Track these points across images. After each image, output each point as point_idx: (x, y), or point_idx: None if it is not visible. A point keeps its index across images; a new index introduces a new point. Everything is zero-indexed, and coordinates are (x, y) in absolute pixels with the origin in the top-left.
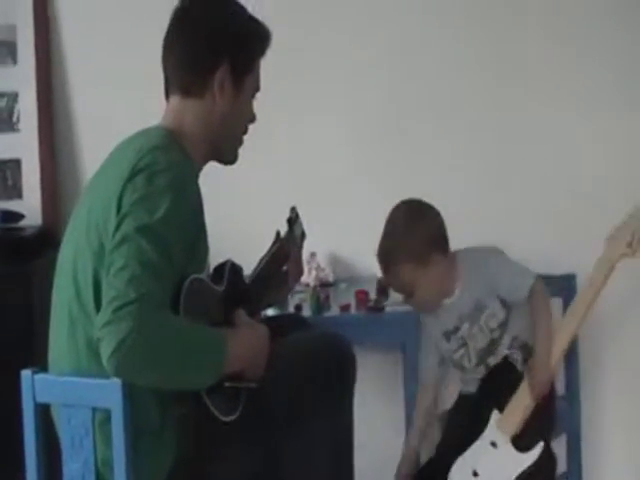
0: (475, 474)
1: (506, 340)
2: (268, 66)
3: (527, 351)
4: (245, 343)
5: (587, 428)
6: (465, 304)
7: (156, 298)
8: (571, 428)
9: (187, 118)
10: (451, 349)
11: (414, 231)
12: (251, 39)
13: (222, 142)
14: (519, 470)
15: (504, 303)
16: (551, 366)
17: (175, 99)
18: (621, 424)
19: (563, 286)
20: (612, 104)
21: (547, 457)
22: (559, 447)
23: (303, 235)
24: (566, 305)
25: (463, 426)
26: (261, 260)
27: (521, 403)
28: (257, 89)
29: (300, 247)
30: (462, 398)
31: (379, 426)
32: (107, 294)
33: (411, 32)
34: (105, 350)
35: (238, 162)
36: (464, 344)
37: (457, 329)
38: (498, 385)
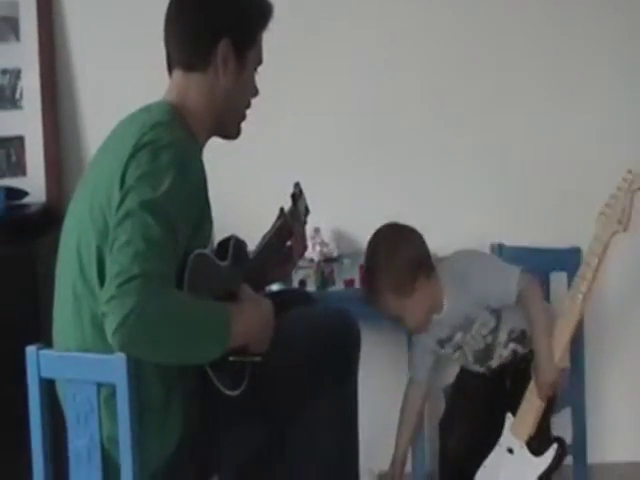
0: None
1: (502, 338)
2: (272, 41)
3: (527, 340)
4: (250, 317)
5: (592, 400)
6: (455, 317)
7: (160, 273)
8: (576, 400)
9: (190, 93)
10: (447, 353)
11: (394, 263)
12: (252, 12)
13: (225, 117)
14: (537, 474)
15: (494, 311)
16: (554, 364)
17: (178, 74)
18: (625, 396)
19: (568, 259)
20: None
21: (561, 457)
22: (564, 419)
23: (307, 210)
24: (570, 279)
25: (466, 400)
26: (265, 236)
27: (532, 405)
28: (259, 62)
29: (304, 223)
30: (464, 372)
31: (384, 400)
32: (111, 269)
33: (412, 15)
34: (110, 325)
35: (241, 137)
36: (460, 347)
37: (450, 338)
38: (510, 385)
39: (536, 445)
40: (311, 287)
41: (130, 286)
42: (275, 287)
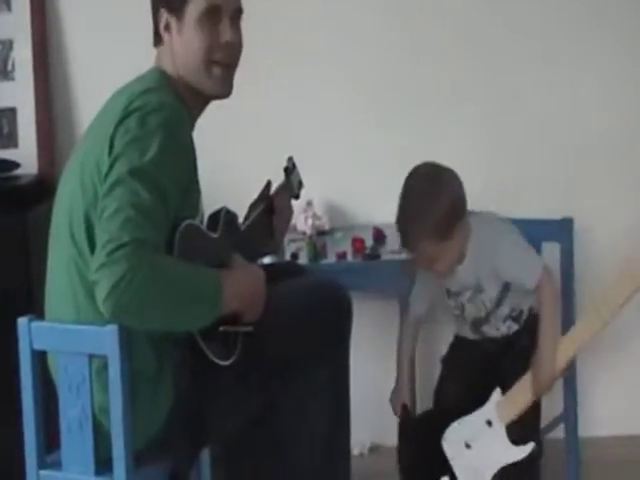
0: (468, 446)
1: (504, 312)
2: (265, 13)
3: (524, 320)
4: (241, 283)
5: (582, 369)
6: (468, 275)
7: (150, 240)
8: (567, 373)
9: (164, 65)
10: (450, 305)
11: (436, 207)
12: None
13: (196, 80)
14: (506, 461)
15: (505, 286)
16: (555, 365)
17: (156, 49)
18: (616, 364)
19: (560, 230)
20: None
21: (536, 456)
22: (555, 389)
23: (300, 184)
24: (563, 250)
25: (461, 369)
26: (251, 207)
27: (522, 395)
28: (211, 8)
29: (297, 196)
30: (458, 340)
31: (375, 372)
32: (101, 238)
33: None
34: (100, 293)
35: (234, 110)
36: (462, 307)
37: (458, 294)
38: (508, 362)
39: (516, 433)
40: (303, 260)
41: (120, 253)
42: (267, 259)
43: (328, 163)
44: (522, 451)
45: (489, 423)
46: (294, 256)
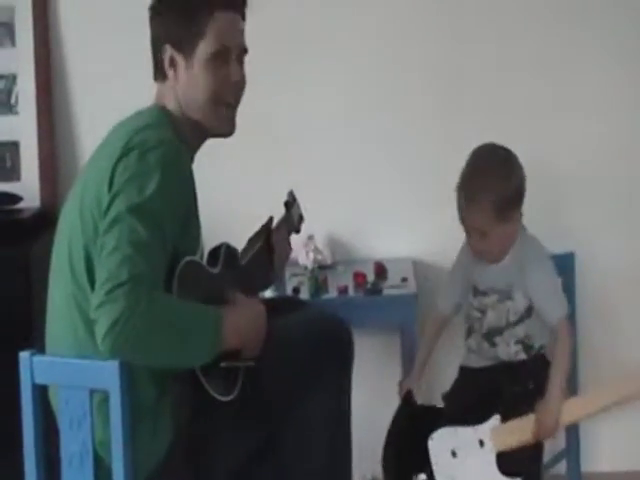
0: (453, 454)
1: (519, 333)
2: (269, 46)
3: (530, 353)
4: (242, 319)
5: None
6: (503, 278)
7: (148, 278)
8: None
9: (165, 101)
10: (472, 305)
11: (506, 183)
12: (191, 13)
13: (201, 118)
14: None
15: (531, 306)
16: (559, 417)
17: (156, 84)
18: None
19: (562, 265)
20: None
21: None
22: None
23: (301, 218)
24: (565, 284)
25: (461, 404)
26: (250, 241)
27: (522, 433)
28: (223, 49)
29: (298, 230)
30: (463, 373)
31: (377, 407)
32: (100, 276)
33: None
34: (99, 331)
35: (236, 144)
36: (483, 311)
37: (485, 294)
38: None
39: (505, 464)
40: (305, 294)
41: (118, 292)
42: (268, 293)
43: (330, 197)
44: None
45: (481, 443)
46: (296, 290)
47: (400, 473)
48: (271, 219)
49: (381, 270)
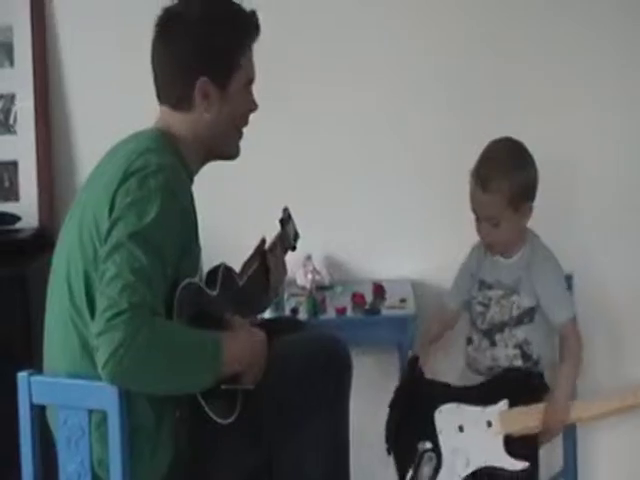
0: (460, 429)
1: (519, 337)
2: (267, 65)
3: (528, 362)
4: (242, 345)
5: (582, 425)
6: (511, 273)
7: (149, 305)
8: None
9: (179, 128)
10: (476, 299)
11: (522, 171)
12: (228, 46)
13: (217, 144)
14: (497, 464)
15: (536, 307)
16: (568, 413)
17: (165, 109)
18: (616, 420)
19: None
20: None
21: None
22: (555, 445)
23: (296, 235)
24: None
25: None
26: (245, 265)
27: (530, 419)
28: (250, 79)
29: (293, 248)
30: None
31: (374, 428)
32: (100, 303)
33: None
34: (100, 359)
35: (234, 164)
36: (487, 305)
37: (490, 288)
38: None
39: (512, 447)
40: (303, 315)
41: (119, 320)
42: (267, 314)
43: (328, 218)
44: (515, 464)
45: (489, 424)
46: (294, 311)
47: (403, 437)
48: (264, 241)
49: (379, 291)
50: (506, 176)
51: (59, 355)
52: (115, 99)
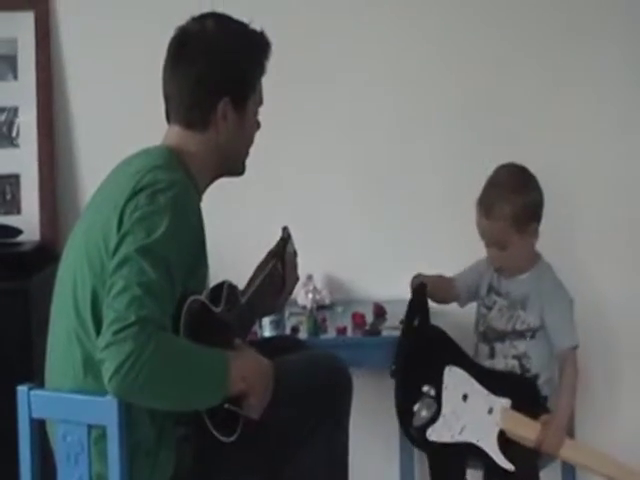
0: (464, 397)
1: (519, 348)
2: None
3: (524, 375)
4: (249, 364)
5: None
6: (521, 288)
7: (156, 320)
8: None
9: (190, 146)
10: (483, 302)
11: (523, 193)
12: (251, 68)
13: (228, 163)
14: (487, 451)
15: (542, 326)
16: (563, 437)
17: (176, 128)
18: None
19: None
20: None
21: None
22: (554, 475)
23: (295, 254)
24: None
25: None
26: (253, 279)
27: (527, 431)
28: (261, 103)
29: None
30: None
31: (374, 448)
32: (108, 316)
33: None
34: (106, 372)
35: (236, 182)
36: (490, 308)
37: (499, 294)
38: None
39: (505, 448)
40: (303, 334)
41: (126, 333)
42: (268, 333)
43: (329, 237)
44: (503, 461)
45: (490, 411)
46: (294, 330)
47: (410, 372)
48: (287, 235)
49: (380, 311)
50: (507, 201)
51: (61, 369)
52: (118, 113)
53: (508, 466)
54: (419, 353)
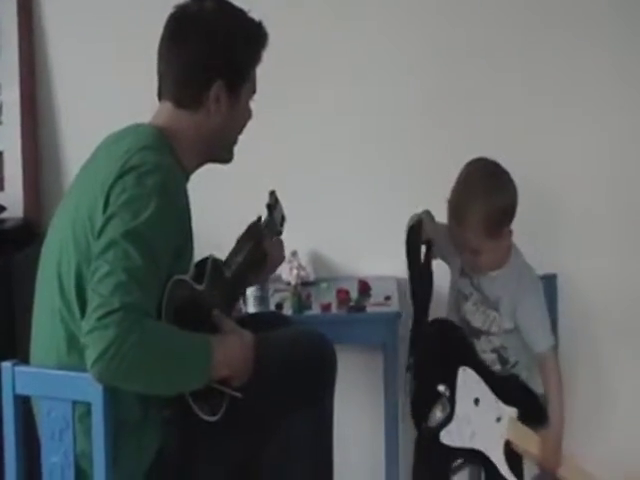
0: (476, 402)
1: (495, 343)
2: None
3: (503, 364)
4: (232, 350)
5: None
6: (494, 290)
7: (140, 306)
8: None
9: (180, 126)
10: (457, 284)
11: (493, 200)
12: (247, 53)
13: (217, 147)
14: (492, 458)
15: (513, 329)
16: (560, 447)
17: (168, 105)
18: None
19: (545, 286)
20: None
21: None
22: None
23: (283, 219)
24: (548, 305)
25: None
26: (239, 243)
27: (529, 445)
28: (254, 92)
29: (280, 232)
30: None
31: (359, 424)
32: (92, 301)
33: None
34: (89, 357)
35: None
36: (466, 298)
37: (472, 284)
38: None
39: (510, 458)
40: (287, 311)
41: (110, 319)
42: (252, 309)
43: (314, 214)
44: (509, 474)
45: (498, 420)
46: (279, 306)
47: (425, 371)
48: (260, 219)
49: (365, 288)
50: (478, 209)
51: (45, 347)
52: (102, 90)
53: (505, 474)
54: (436, 349)
